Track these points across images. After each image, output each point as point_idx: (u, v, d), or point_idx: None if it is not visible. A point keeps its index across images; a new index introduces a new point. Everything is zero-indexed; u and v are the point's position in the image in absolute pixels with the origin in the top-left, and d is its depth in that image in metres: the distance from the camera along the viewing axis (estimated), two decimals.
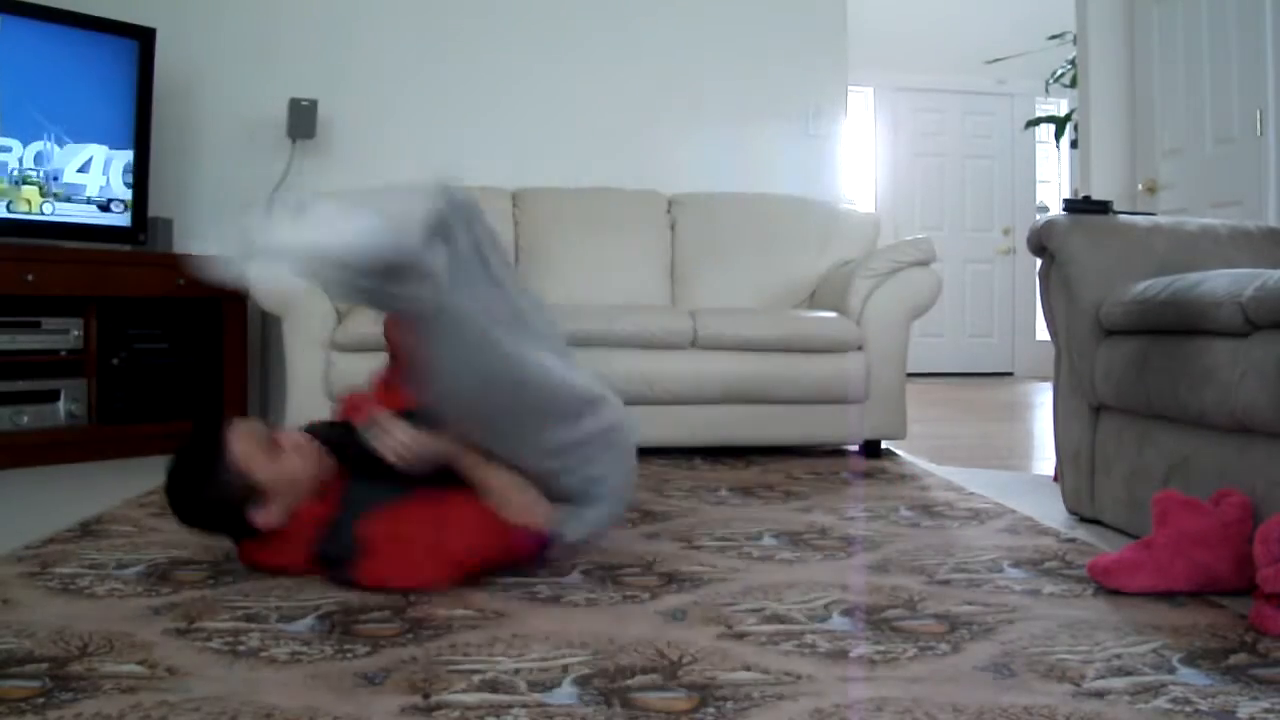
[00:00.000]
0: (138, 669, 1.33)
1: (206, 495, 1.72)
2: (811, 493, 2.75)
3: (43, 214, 3.36)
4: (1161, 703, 1.23)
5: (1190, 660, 1.39)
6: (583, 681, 1.30)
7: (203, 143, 4.11)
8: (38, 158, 3.34)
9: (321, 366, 3.24)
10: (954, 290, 7.24)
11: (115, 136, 3.54)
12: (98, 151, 3.50)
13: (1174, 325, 2.02)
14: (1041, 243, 2.43)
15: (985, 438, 4.19)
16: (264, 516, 1.73)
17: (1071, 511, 2.45)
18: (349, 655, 1.40)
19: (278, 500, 1.73)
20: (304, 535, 1.75)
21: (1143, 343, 2.13)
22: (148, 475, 2.92)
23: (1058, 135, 6.87)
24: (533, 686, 1.28)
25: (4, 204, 3.27)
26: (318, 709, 1.20)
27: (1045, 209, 7.73)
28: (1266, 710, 1.21)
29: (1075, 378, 2.41)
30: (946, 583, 1.81)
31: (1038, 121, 6.97)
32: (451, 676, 1.31)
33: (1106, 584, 1.75)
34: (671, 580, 1.82)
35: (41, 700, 1.21)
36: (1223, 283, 1.90)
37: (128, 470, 3.06)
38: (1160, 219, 2.58)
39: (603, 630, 1.51)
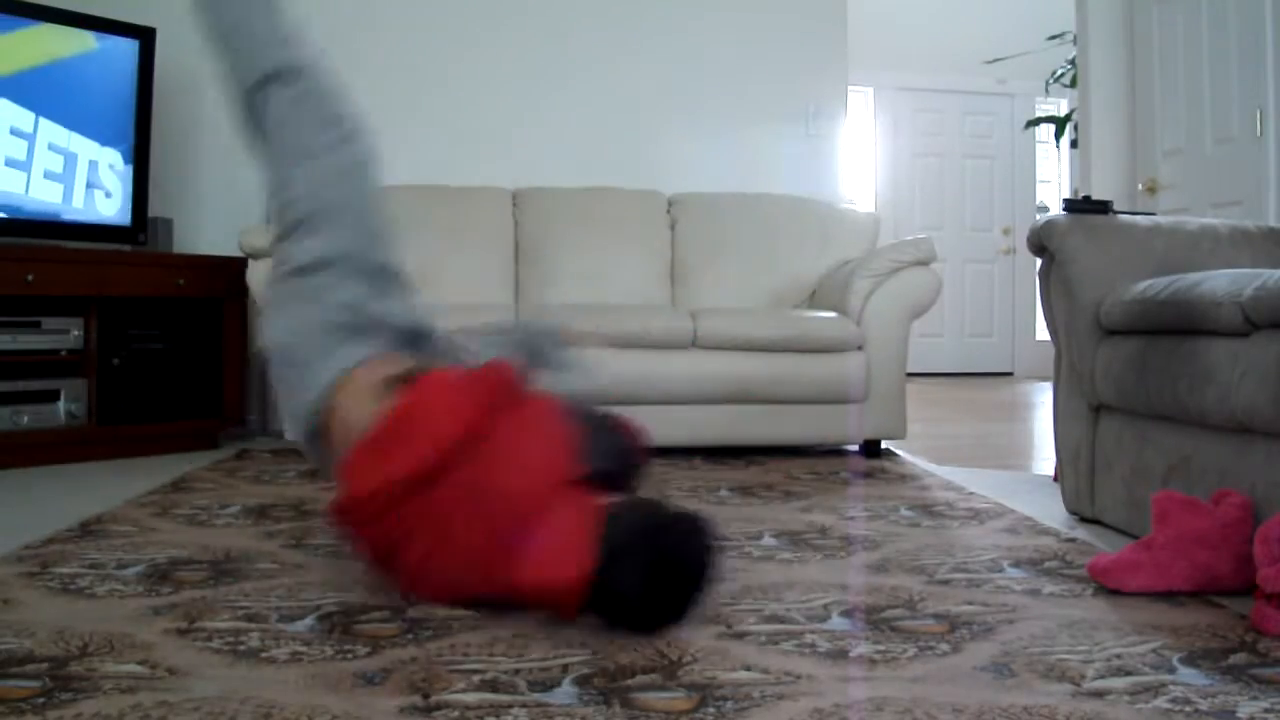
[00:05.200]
0: (138, 669, 1.33)
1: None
2: (811, 493, 2.75)
3: (43, 213, 3.36)
4: (1161, 703, 1.23)
5: (1190, 660, 1.39)
6: (583, 681, 1.30)
7: (203, 143, 4.10)
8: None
9: None
10: (954, 290, 7.25)
11: (115, 136, 3.54)
12: (98, 151, 3.50)
13: (1174, 325, 2.02)
14: (1041, 243, 2.43)
15: (985, 438, 4.20)
16: None
17: (1071, 511, 2.45)
18: (349, 655, 1.40)
19: None
20: None
21: (1143, 343, 2.13)
22: (148, 475, 2.92)
23: (1058, 135, 6.87)
24: (533, 686, 1.28)
25: (4, 201, 3.27)
26: (317, 709, 1.20)
27: (1045, 209, 7.73)
28: (1266, 710, 1.21)
29: (1075, 378, 2.41)
30: (946, 583, 1.81)
31: (1038, 121, 6.97)
32: (451, 676, 1.31)
33: (1106, 584, 1.75)
34: None
35: (41, 700, 1.21)
36: (1223, 283, 1.90)
37: (128, 470, 3.06)
38: (1160, 219, 2.58)
39: (603, 630, 1.51)
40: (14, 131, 3.33)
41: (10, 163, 3.32)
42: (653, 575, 1.45)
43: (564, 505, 1.51)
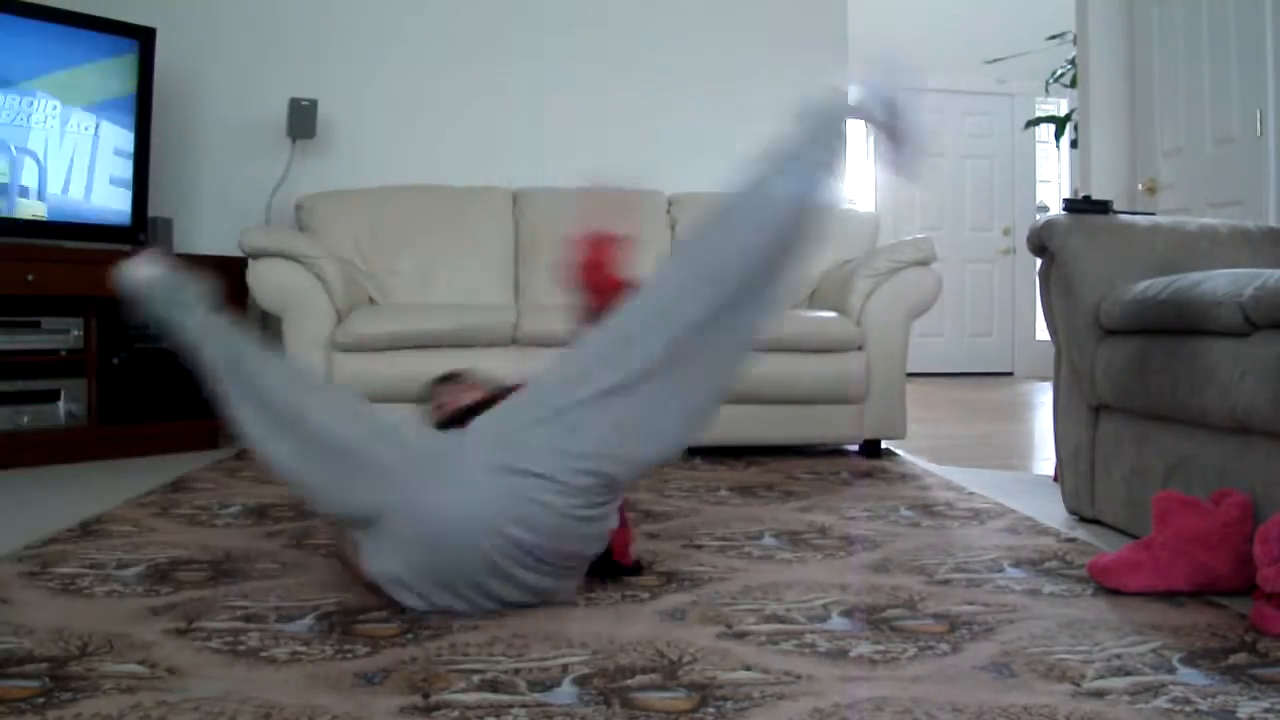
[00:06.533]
0: (138, 669, 1.33)
1: None
2: (811, 493, 2.75)
3: (43, 214, 3.36)
4: (1161, 703, 1.23)
5: (1190, 660, 1.39)
6: (582, 681, 1.30)
7: (203, 143, 4.10)
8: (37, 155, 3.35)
9: (321, 366, 3.24)
10: (954, 290, 7.24)
11: (115, 135, 3.54)
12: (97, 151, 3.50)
13: (1174, 325, 2.02)
14: (1041, 243, 2.43)
15: (985, 438, 4.19)
16: None
17: (1071, 511, 2.45)
18: (348, 655, 1.40)
19: None
20: None
21: (1142, 342, 2.13)
22: (148, 475, 2.92)
23: (1058, 135, 6.87)
24: (533, 686, 1.28)
25: (4, 205, 3.28)
26: (317, 709, 1.20)
27: (1045, 209, 7.73)
28: (1266, 710, 1.21)
29: (1075, 377, 2.41)
30: (946, 583, 1.81)
31: (1038, 121, 6.97)
32: (451, 676, 1.31)
33: (1106, 584, 1.75)
34: (671, 580, 1.82)
35: (41, 700, 1.21)
36: (1223, 283, 1.90)
37: (128, 470, 3.06)
38: (1160, 219, 2.58)
39: (603, 630, 1.51)
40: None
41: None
42: None
43: None
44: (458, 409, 1.79)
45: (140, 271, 1.84)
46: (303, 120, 4.01)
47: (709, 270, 1.56)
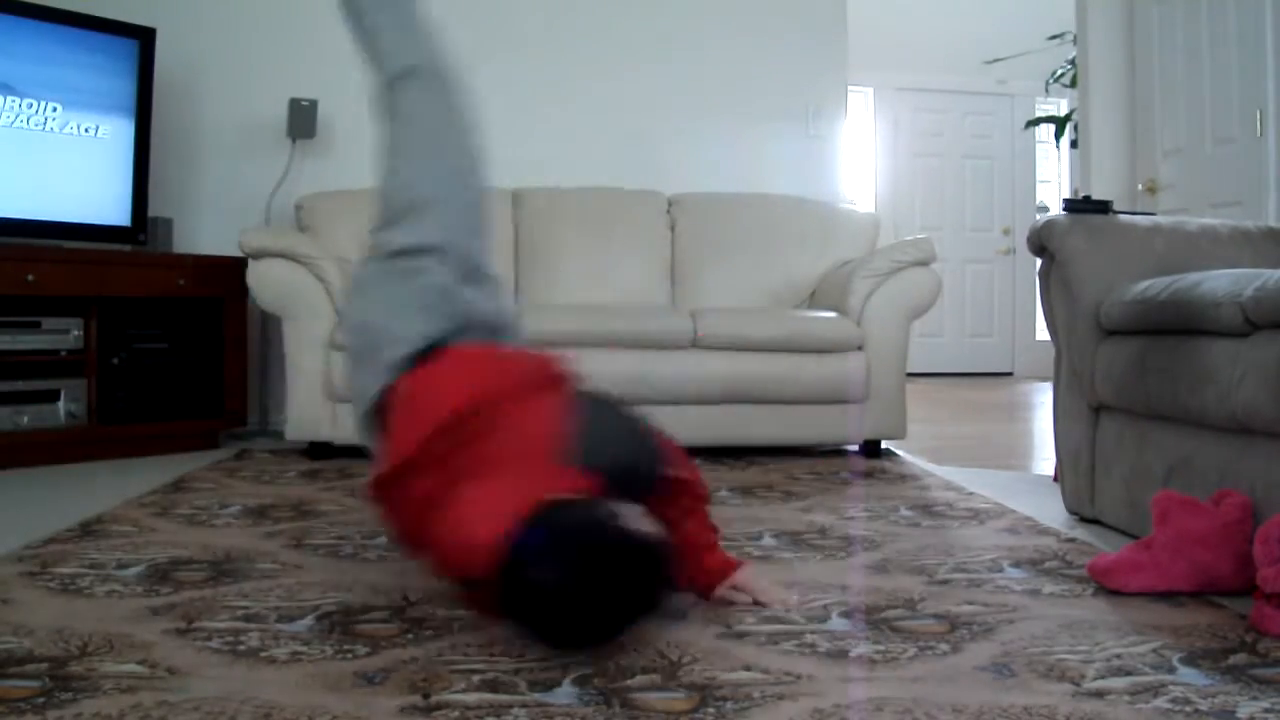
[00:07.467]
0: (138, 669, 1.33)
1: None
2: (811, 493, 2.75)
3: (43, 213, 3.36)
4: (1161, 703, 1.23)
5: (1190, 660, 1.39)
6: (583, 681, 1.30)
7: (203, 143, 4.10)
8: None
9: (322, 366, 3.24)
10: (954, 290, 7.25)
11: (115, 136, 3.54)
12: (97, 150, 3.50)
13: (1174, 325, 2.02)
14: (1041, 243, 2.43)
15: (985, 438, 4.19)
16: None
17: (1071, 511, 2.45)
18: (349, 655, 1.40)
19: None
20: None
21: (1142, 343, 2.13)
22: (148, 475, 2.92)
23: (1058, 135, 6.88)
24: (533, 686, 1.28)
25: (4, 205, 3.28)
26: (317, 709, 1.20)
27: (1045, 209, 7.73)
28: (1266, 710, 1.21)
29: (1075, 378, 2.41)
30: (946, 583, 1.81)
31: (1038, 121, 6.98)
32: (451, 676, 1.31)
33: (1106, 584, 1.75)
34: None
35: (41, 700, 1.21)
36: (1223, 283, 1.90)
37: (128, 470, 3.06)
38: (1160, 219, 2.58)
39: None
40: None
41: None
42: (573, 577, 1.28)
43: (515, 477, 1.40)
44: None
45: None
46: (303, 120, 4.01)
47: None
